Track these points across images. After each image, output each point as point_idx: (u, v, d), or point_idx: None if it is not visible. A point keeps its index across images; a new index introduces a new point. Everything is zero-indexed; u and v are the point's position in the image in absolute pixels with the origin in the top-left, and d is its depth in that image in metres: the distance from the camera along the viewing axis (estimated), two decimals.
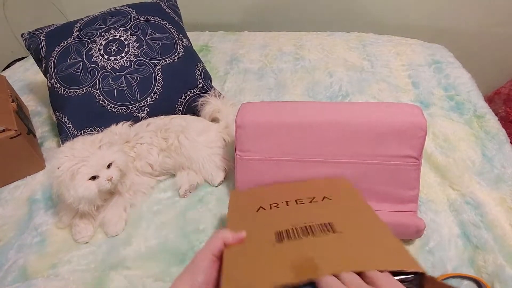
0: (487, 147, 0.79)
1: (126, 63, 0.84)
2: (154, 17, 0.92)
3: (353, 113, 0.62)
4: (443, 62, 1.07)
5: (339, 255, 0.35)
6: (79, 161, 0.61)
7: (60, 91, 0.83)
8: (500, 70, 1.40)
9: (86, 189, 0.61)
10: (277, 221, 0.45)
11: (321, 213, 0.46)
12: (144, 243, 0.65)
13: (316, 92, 0.99)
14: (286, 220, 0.44)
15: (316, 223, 0.41)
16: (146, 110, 0.84)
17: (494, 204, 0.68)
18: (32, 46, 0.89)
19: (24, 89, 1.06)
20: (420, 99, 0.94)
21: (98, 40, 0.85)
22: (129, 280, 0.59)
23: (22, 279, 0.60)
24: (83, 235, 0.65)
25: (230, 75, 1.08)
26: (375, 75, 1.04)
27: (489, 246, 0.61)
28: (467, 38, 1.37)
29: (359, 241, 0.38)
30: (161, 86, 0.84)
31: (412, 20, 1.37)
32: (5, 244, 0.66)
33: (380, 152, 0.59)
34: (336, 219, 0.42)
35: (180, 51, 0.89)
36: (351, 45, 1.17)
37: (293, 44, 1.20)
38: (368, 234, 0.40)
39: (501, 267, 0.57)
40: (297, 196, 0.52)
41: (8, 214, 0.72)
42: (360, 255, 0.35)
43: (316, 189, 0.55)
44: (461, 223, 0.65)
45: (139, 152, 0.73)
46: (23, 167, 0.79)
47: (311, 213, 0.46)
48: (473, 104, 0.91)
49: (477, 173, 0.74)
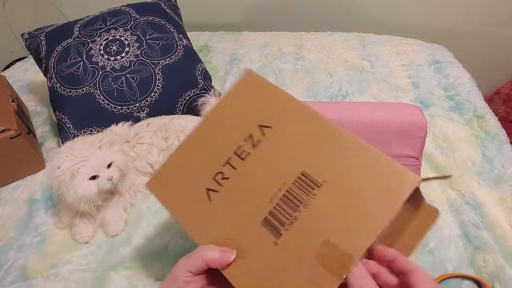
0: (487, 147, 0.79)
1: (126, 63, 0.84)
2: (154, 17, 0.92)
3: (353, 113, 0.62)
4: (443, 62, 1.07)
5: (352, 222, 0.31)
6: (79, 161, 0.60)
7: (60, 91, 0.83)
8: (500, 70, 1.40)
9: (86, 189, 0.61)
10: (247, 202, 0.36)
11: (278, 159, 0.36)
12: (144, 243, 0.65)
13: (316, 92, 0.99)
14: (254, 194, 0.36)
15: (288, 181, 0.35)
16: (146, 110, 0.84)
17: (494, 204, 0.68)
18: (32, 46, 0.89)
19: (24, 89, 1.06)
20: (420, 99, 0.94)
21: (98, 40, 0.85)
22: (129, 280, 0.59)
23: (22, 279, 0.60)
24: (83, 235, 0.65)
25: (230, 75, 1.08)
26: (375, 75, 1.04)
27: (489, 246, 0.61)
28: (467, 38, 1.37)
29: (351, 183, 0.32)
30: (161, 86, 0.84)
31: (412, 20, 1.37)
32: (5, 244, 0.66)
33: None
34: (303, 160, 0.35)
35: (180, 51, 0.89)
36: (351, 45, 1.17)
37: (293, 44, 1.20)
38: (351, 166, 0.33)
39: (501, 267, 0.57)
40: (230, 146, 0.39)
41: (8, 214, 0.72)
42: (368, 206, 0.31)
43: (235, 117, 0.41)
44: (461, 223, 0.65)
45: (139, 152, 0.73)
46: (23, 167, 0.79)
47: (269, 166, 0.37)
48: (473, 104, 0.91)
49: (477, 173, 0.74)
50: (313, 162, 0.35)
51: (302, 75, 1.06)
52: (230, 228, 0.36)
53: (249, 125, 0.39)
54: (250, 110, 0.40)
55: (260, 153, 0.38)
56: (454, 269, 0.59)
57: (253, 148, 0.38)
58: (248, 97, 0.41)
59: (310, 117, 0.37)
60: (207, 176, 0.39)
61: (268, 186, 0.36)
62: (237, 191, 0.37)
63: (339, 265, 0.29)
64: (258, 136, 0.38)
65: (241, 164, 0.38)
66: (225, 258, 0.33)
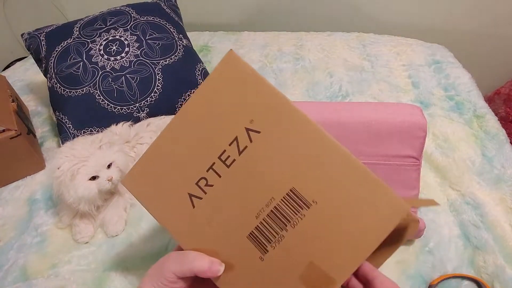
0: (487, 147, 0.79)
1: (126, 63, 0.84)
2: (154, 17, 0.92)
3: (353, 113, 0.62)
4: (443, 62, 1.07)
5: (338, 246, 0.31)
6: (79, 161, 0.61)
7: (60, 91, 0.83)
8: (500, 70, 1.40)
9: (86, 189, 0.61)
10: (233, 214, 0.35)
11: (267, 171, 0.34)
12: (144, 243, 0.65)
13: (316, 92, 0.99)
14: (240, 207, 0.35)
15: (276, 197, 0.33)
16: (146, 110, 0.84)
17: (494, 204, 0.68)
18: (32, 46, 0.89)
19: (24, 89, 1.06)
20: (420, 99, 0.94)
21: (98, 40, 0.85)
22: (129, 280, 0.59)
23: (22, 279, 0.60)
24: (83, 235, 0.65)
25: None
26: (375, 75, 1.04)
27: (489, 247, 0.61)
28: (467, 38, 1.36)
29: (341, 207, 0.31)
30: (161, 86, 0.84)
31: (412, 20, 1.37)
32: (5, 244, 0.66)
33: (380, 152, 0.59)
34: (293, 175, 0.33)
35: (180, 51, 0.89)
36: (351, 45, 1.17)
37: (293, 44, 1.20)
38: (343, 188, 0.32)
39: (501, 268, 0.58)
40: (214, 149, 0.36)
41: (8, 214, 0.72)
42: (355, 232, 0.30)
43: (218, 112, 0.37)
44: (461, 223, 0.65)
45: (139, 152, 0.73)
46: (23, 167, 0.79)
47: (256, 177, 0.34)
48: (473, 104, 0.91)
49: (477, 173, 0.74)
50: (304, 179, 0.33)
51: (302, 75, 1.06)
52: (215, 238, 0.35)
53: (234, 126, 0.36)
54: (234, 106, 0.36)
55: (247, 161, 0.35)
56: (454, 269, 0.59)
57: (239, 155, 0.35)
58: (232, 87, 0.36)
59: (302, 124, 0.34)
60: (189, 181, 0.37)
61: (255, 200, 0.34)
62: (222, 201, 0.35)
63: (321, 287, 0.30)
64: (245, 142, 0.35)
65: (226, 172, 0.35)
66: (214, 270, 0.33)
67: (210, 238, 0.36)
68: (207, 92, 0.37)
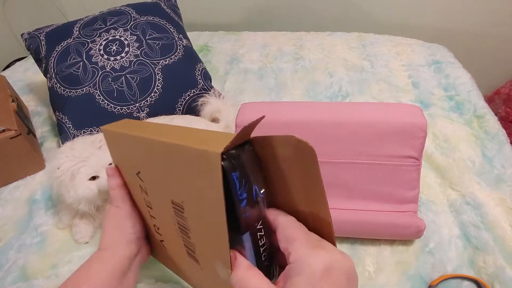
0: (487, 147, 0.79)
1: (126, 63, 0.84)
2: (154, 17, 0.92)
3: (353, 113, 0.62)
4: (443, 62, 1.07)
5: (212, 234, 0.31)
6: (79, 162, 0.60)
7: (60, 91, 0.83)
8: (500, 70, 1.40)
9: (86, 189, 0.61)
10: (171, 237, 0.40)
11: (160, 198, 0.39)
12: None
13: (316, 92, 0.99)
14: (169, 230, 0.39)
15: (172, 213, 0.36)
16: (146, 110, 0.84)
17: (494, 204, 0.68)
18: (32, 46, 0.89)
19: (24, 89, 1.06)
20: (420, 99, 0.94)
21: (98, 40, 0.85)
22: None
23: (22, 280, 0.60)
24: (83, 235, 0.65)
25: (230, 75, 1.08)
26: (375, 75, 1.04)
27: (489, 247, 0.61)
28: (467, 38, 1.37)
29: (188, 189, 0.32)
30: (161, 86, 0.84)
31: (412, 20, 1.37)
32: (5, 244, 0.66)
33: (380, 152, 0.59)
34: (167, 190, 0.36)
35: (180, 51, 0.89)
36: (351, 45, 1.17)
37: (293, 44, 1.20)
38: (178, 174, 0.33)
39: (501, 268, 0.57)
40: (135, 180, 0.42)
41: (8, 214, 0.72)
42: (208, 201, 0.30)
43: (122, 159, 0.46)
44: (461, 223, 0.65)
45: None
46: (23, 167, 0.79)
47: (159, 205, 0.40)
48: (473, 104, 0.91)
49: (477, 173, 0.74)
50: (171, 187, 0.35)
51: (302, 75, 1.06)
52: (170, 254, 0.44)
53: (132, 172, 0.42)
54: (124, 159, 0.45)
55: (149, 195, 0.41)
56: (454, 270, 0.59)
57: (145, 193, 0.41)
58: (117, 145, 0.46)
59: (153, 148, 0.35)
60: (139, 190, 0.43)
61: (169, 222, 0.38)
62: (158, 223, 0.43)
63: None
64: (140, 182, 0.41)
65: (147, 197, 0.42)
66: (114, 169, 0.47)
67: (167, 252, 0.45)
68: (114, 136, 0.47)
